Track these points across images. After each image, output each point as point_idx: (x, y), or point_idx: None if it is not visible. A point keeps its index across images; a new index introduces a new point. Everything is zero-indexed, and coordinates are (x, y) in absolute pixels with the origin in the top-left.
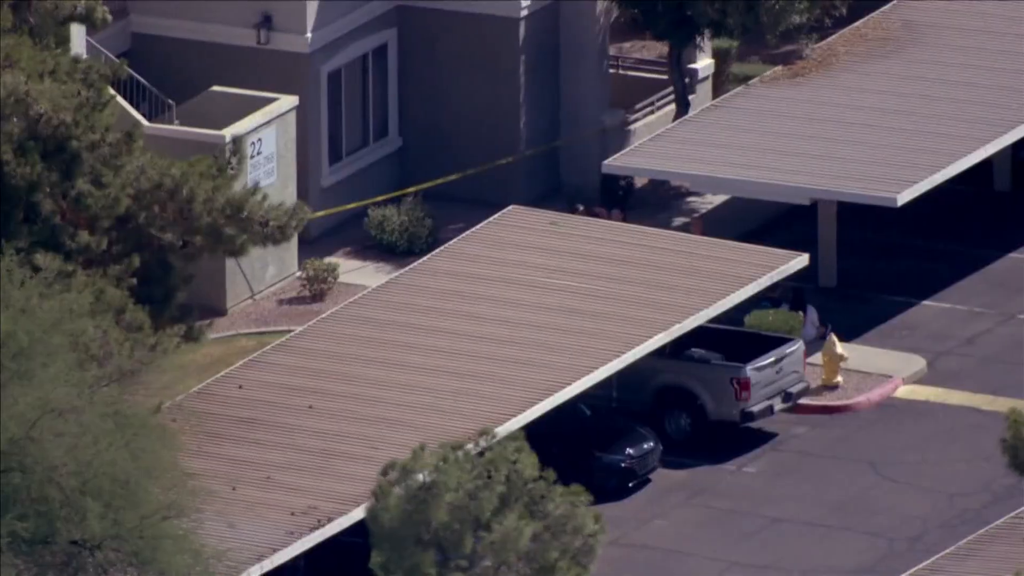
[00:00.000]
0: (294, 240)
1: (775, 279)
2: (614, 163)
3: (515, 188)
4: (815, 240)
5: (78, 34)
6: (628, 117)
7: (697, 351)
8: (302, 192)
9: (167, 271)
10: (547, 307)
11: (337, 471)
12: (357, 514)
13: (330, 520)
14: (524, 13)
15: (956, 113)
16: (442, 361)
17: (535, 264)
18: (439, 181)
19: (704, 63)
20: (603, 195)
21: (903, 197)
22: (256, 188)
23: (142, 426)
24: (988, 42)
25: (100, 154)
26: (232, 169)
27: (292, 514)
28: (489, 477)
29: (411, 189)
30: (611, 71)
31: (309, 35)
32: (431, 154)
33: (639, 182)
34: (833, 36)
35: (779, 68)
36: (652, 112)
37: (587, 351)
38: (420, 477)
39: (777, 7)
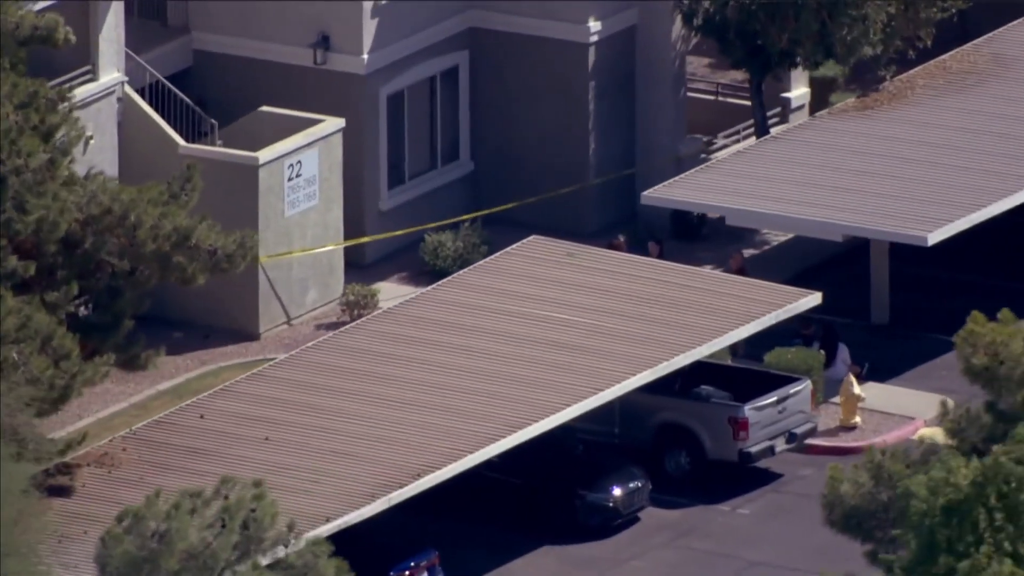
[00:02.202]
0: (340, 264)
1: (781, 317)
2: (653, 194)
3: (586, 216)
4: None
5: (113, 51)
6: (706, 145)
7: (705, 388)
8: (358, 216)
9: (115, 297)
10: (538, 341)
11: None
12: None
13: None
14: (595, 39)
15: (1015, 151)
16: (415, 394)
17: (539, 296)
18: (497, 209)
19: (798, 92)
20: (674, 225)
21: (934, 237)
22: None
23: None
24: None
25: (24, 180)
26: (186, 195)
27: None
28: (223, 525)
29: (468, 216)
30: (711, 97)
31: (366, 56)
32: (503, 179)
33: (713, 212)
34: (917, 68)
35: (851, 100)
36: (738, 140)
37: (564, 387)
38: (152, 524)
39: (850, 39)
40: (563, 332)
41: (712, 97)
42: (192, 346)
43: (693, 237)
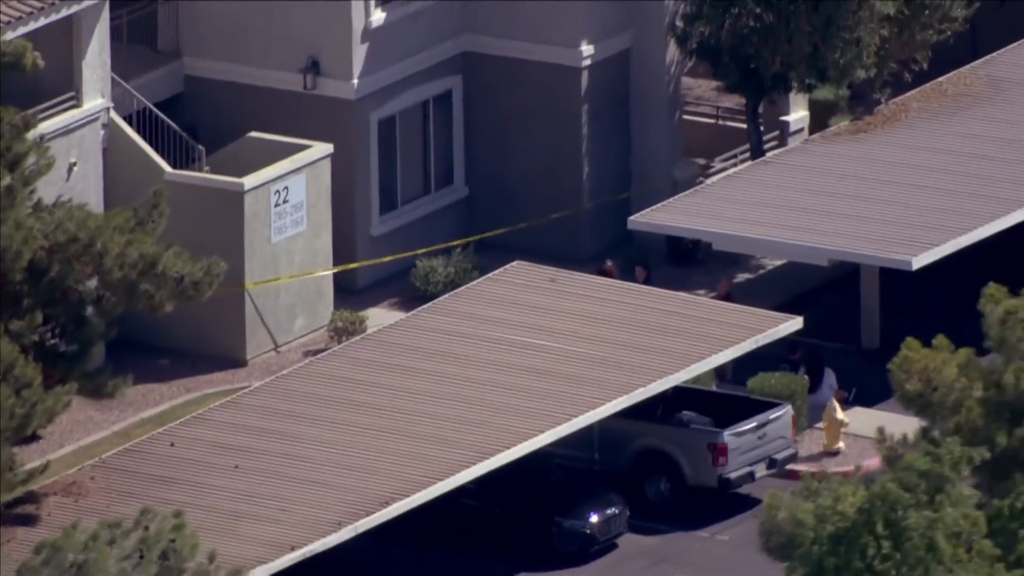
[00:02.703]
0: (329, 290)
1: (761, 342)
2: (639, 219)
3: (580, 240)
4: None
5: (97, 77)
6: (703, 169)
7: (687, 414)
8: (349, 241)
9: (82, 325)
10: (515, 367)
11: (238, 533)
12: None
13: None
14: (587, 63)
15: (1004, 174)
16: (388, 421)
17: (518, 322)
18: (489, 234)
19: (797, 115)
20: (669, 249)
21: (919, 261)
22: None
23: None
24: None
25: None
26: (153, 222)
27: None
28: (141, 557)
29: (459, 242)
30: (712, 120)
31: (355, 81)
32: (498, 204)
33: (700, 237)
34: (913, 91)
35: (844, 123)
36: (736, 164)
37: (537, 414)
38: (71, 556)
39: (843, 62)
40: (540, 358)
41: (713, 120)
42: (178, 373)
43: (687, 262)
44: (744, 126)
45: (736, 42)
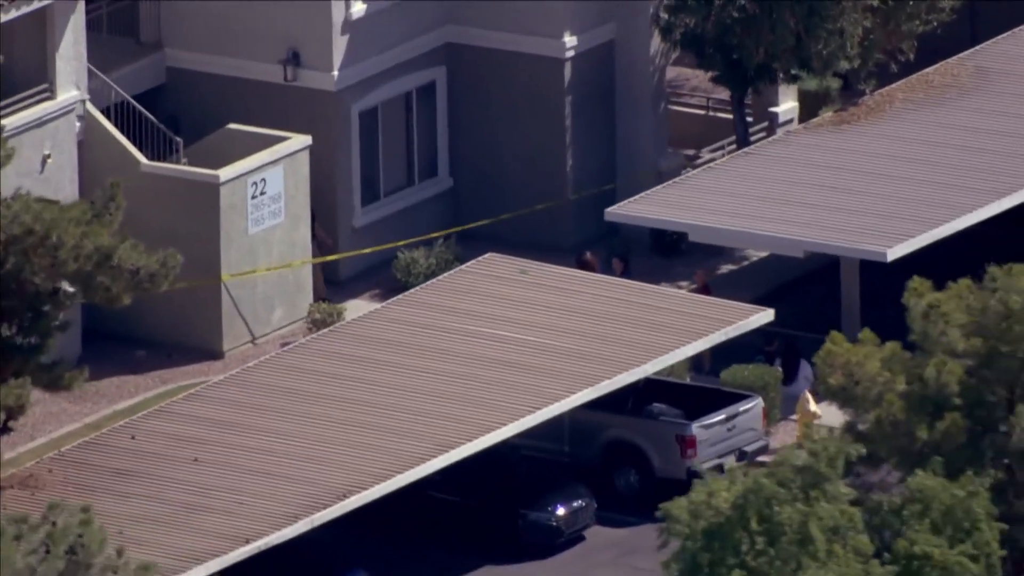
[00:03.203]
0: (308, 282)
1: (731, 334)
2: (617, 210)
3: (565, 231)
4: None
5: (71, 69)
6: (689, 160)
7: (657, 406)
8: (330, 233)
9: (38, 318)
10: (482, 359)
11: (194, 525)
12: (198, 572)
13: None
14: (571, 54)
15: (985, 164)
16: (350, 413)
17: (488, 314)
18: (471, 225)
19: (786, 106)
20: (653, 240)
21: (894, 252)
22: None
23: None
24: None
25: None
26: (109, 215)
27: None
28: (48, 552)
29: (440, 233)
30: (703, 111)
31: (336, 73)
32: (483, 195)
33: (676, 228)
34: (899, 82)
35: (828, 114)
36: (724, 155)
37: (501, 406)
38: None
39: (826, 52)
40: (508, 350)
41: (704, 111)
42: (155, 364)
43: (671, 253)
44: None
45: (720, 33)
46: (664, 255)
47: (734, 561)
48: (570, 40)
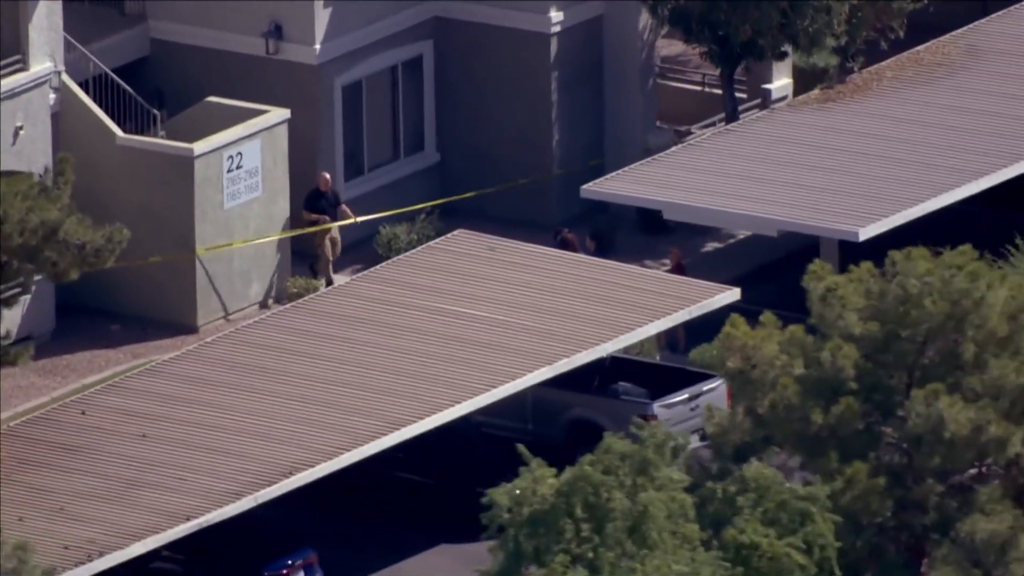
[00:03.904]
0: (288, 255)
1: (695, 313)
2: (593, 187)
3: (552, 207)
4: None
5: (44, 40)
6: (679, 136)
7: (622, 385)
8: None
9: None
10: (442, 336)
11: (136, 501)
12: (136, 548)
13: (101, 555)
14: (556, 29)
15: (965, 144)
16: (303, 390)
17: (453, 291)
18: (453, 198)
19: (780, 83)
20: (640, 217)
21: (866, 232)
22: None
23: None
24: None
25: None
26: (58, 189)
27: (65, 548)
28: None
29: (421, 205)
30: (698, 88)
31: (318, 46)
32: (471, 170)
33: (650, 206)
34: (889, 59)
35: (814, 92)
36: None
37: (456, 383)
38: None
39: (812, 29)
40: (469, 327)
41: (700, 88)
42: (129, 339)
43: (659, 230)
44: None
45: (706, 9)
46: (651, 233)
47: (558, 548)
48: (556, 15)
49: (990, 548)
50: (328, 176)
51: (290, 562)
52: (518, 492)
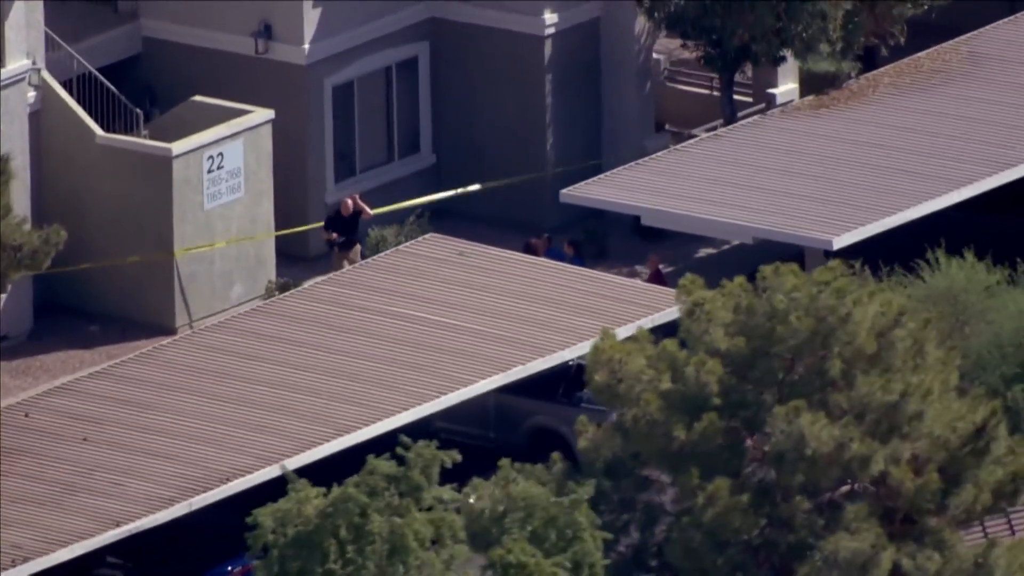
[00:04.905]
0: (271, 257)
1: (658, 321)
2: (572, 192)
3: (546, 210)
4: None
5: (21, 38)
6: (676, 140)
7: (587, 393)
8: (300, 208)
9: None
10: (400, 340)
11: (70, 506)
12: (62, 554)
13: (26, 560)
14: (551, 31)
15: (954, 152)
16: (252, 393)
17: (418, 295)
18: (434, 197)
19: (785, 88)
20: (635, 222)
21: (840, 241)
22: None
23: None
24: None
25: None
26: None
27: None
28: None
29: (401, 204)
30: (706, 91)
31: (307, 46)
32: (467, 173)
33: (629, 211)
34: (888, 66)
35: (808, 97)
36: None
37: (406, 389)
38: None
39: (806, 35)
40: (428, 331)
41: (708, 91)
42: (106, 339)
43: (653, 236)
44: (739, 97)
45: (700, 14)
46: (645, 238)
47: (322, 569)
48: (550, 17)
49: (852, 567)
50: (350, 201)
51: (230, 568)
52: (281, 512)
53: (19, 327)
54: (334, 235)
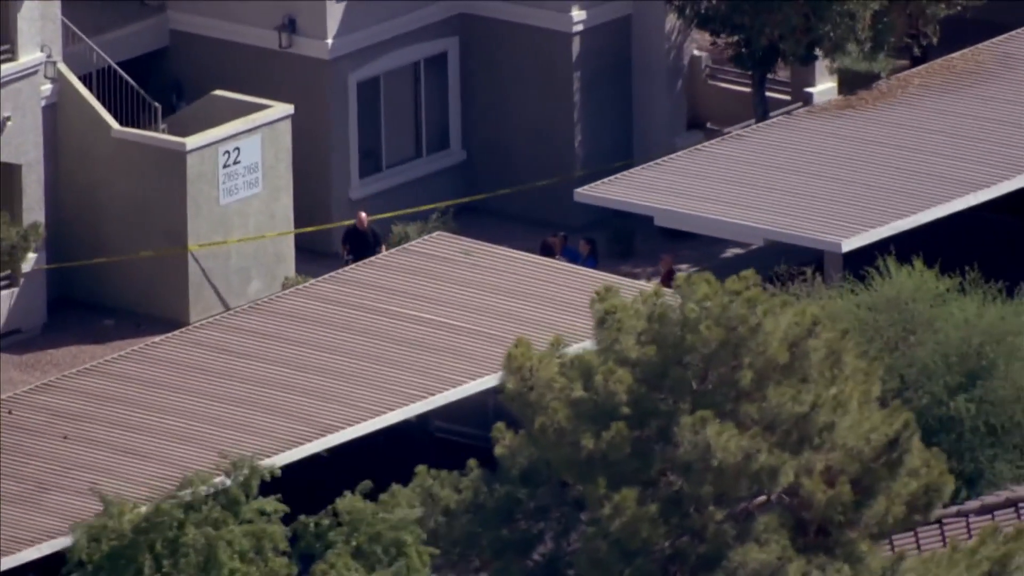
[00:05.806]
0: (290, 253)
1: None
2: (587, 191)
3: (573, 209)
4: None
5: (35, 30)
6: (708, 139)
7: None
8: (324, 204)
9: None
10: (396, 339)
11: (41, 504)
12: (29, 554)
13: None
14: (579, 28)
15: (975, 153)
16: (239, 391)
17: (420, 294)
18: (466, 199)
19: (823, 87)
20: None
21: (849, 243)
22: None
23: None
24: None
25: None
26: None
27: None
28: None
29: (429, 206)
30: (747, 89)
31: (330, 41)
32: (498, 169)
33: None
34: (921, 66)
35: (836, 98)
36: None
37: (395, 388)
38: None
39: (834, 35)
40: (425, 330)
41: (749, 90)
42: (121, 334)
43: (679, 235)
44: (776, 96)
45: (728, 13)
46: (671, 237)
47: None
48: (579, 14)
49: None
50: (364, 215)
51: None
52: (95, 528)
53: (32, 321)
54: (346, 248)
